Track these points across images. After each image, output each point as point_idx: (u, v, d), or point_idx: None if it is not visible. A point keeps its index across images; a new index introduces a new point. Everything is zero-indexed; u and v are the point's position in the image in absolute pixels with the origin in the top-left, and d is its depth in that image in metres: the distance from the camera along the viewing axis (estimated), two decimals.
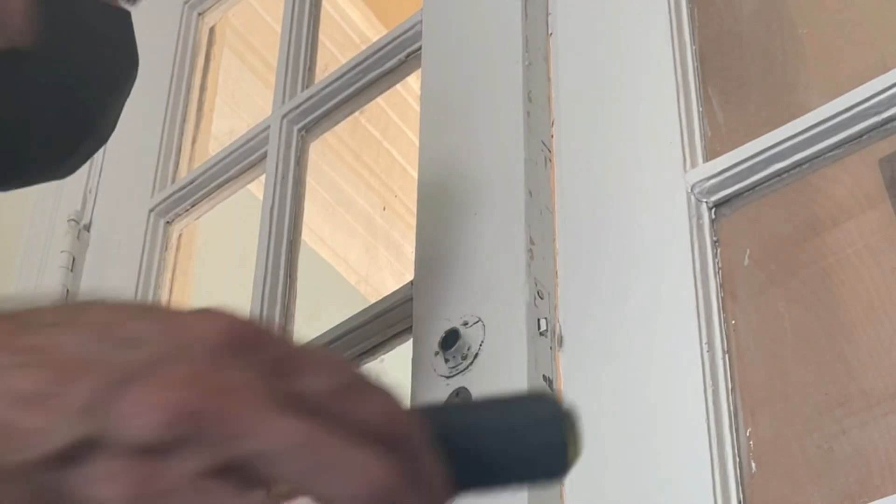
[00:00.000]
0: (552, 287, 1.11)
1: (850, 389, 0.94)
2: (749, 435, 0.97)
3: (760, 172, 1.06)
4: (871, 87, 1.00)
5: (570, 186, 1.16)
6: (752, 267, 1.04)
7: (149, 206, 1.68)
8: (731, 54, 1.18)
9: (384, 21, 2.57)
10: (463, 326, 1.10)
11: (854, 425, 0.92)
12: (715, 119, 1.13)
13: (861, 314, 0.98)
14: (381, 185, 2.66)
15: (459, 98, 1.27)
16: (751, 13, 1.19)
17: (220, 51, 1.92)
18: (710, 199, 1.07)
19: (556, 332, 1.09)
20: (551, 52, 1.25)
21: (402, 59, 1.47)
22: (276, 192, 1.50)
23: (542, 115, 1.21)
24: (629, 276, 1.07)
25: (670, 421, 0.98)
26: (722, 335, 1.00)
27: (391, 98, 1.96)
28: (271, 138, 1.57)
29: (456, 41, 1.33)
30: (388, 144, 2.63)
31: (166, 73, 1.80)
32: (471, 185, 1.20)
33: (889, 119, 1.00)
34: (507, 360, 1.06)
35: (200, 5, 1.91)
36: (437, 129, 1.28)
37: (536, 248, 1.11)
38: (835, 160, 1.03)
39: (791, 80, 1.14)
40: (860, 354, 0.96)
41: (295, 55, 1.65)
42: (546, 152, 1.19)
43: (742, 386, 0.99)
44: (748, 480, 0.94)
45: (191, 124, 1.79)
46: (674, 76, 1.13)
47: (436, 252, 1.20)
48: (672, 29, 1.16)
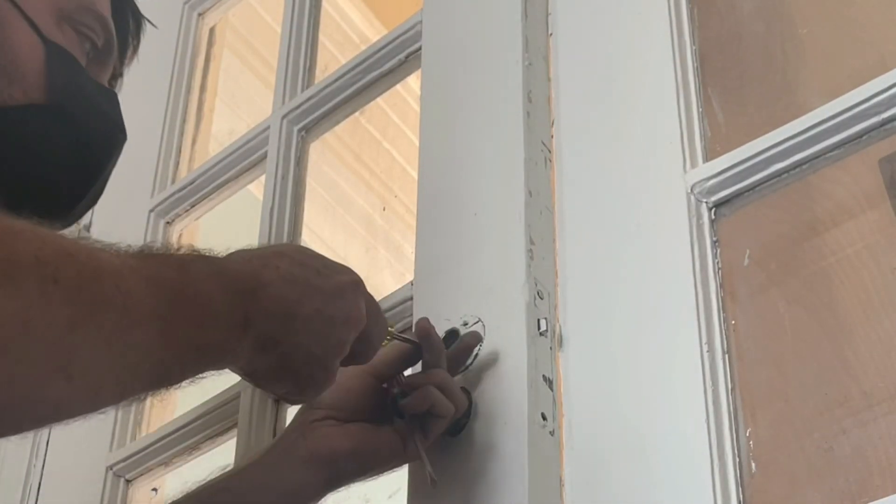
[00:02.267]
0: (552, 287, 1.11)
1: (850, 389, 0.94)
2: (749, 435, 0.97)
3: (760, 172, 1.06)
4: (871, 87, 1.00)
5: (570, 186, 1.16)
6: (752, 267, 1.04)
7: (149, 206, 1.68)
8: (731, 54, 1.18)
9: (384, 21, 2.57)
10: (463, 326, 1.10)
11: (854, 425, 0.92)
12: (715, 119, 1.13)
13: (861, 314, 0.98)
14: (380, 186, 2.66)
15: (459, 98, 1.27)
16: (751, 13, 1.19)
17: (220, 51, 1.92)
18: (710, 199, 1.07)
19: (555, 332, 1.09)
20: (551, 53, 1.25)
21: (402, 60, 1.47)
22: (276, 193, 1.50)
23: (542, 116, 1.21)
24: (629, 277, 1.07)
25: (670, 421, 0.98)
26: (722, 335, 1.00)
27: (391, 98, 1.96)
28: (271, 138, 1.57)
29: (456, 41, 1.33)
30: (387, 145, 2.63)
31: (166, 73, 1.80)
32: (471, 185, 1.20)
33: (889, 119, 0.99)
34: (507, 360, 1.06)
35: (200, 5, 1.91)
36: (437, 130, 1.28)
37: (536, 249, 1.11)
38: (835, 160, 1.03)
39: (791, 80, 1.14)
40: (860, 354, 0.96)
41: (295, 55, 1.65)
42: (546, 152, 1.19)
43: (742, 386, 0.99)
44: (748, 480, 0.94)
45: (191, 125, 1.79)
46: (674, 76, 1.13)
47: (436, 252, 1.20)
48: (672, 29, 1.16)
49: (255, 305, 0.84)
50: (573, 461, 1.02)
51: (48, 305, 0.68)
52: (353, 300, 0.92)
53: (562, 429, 1.04)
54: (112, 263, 0.74)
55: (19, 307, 0.66)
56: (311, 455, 1.02)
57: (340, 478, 1.03)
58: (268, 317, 0.85)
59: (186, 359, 0.80)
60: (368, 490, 1.49)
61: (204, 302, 0.80)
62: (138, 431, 1.54)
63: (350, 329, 0.91)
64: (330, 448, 1.02)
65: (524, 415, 1.02)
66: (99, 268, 0.72)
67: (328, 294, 0.90)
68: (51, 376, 0.68)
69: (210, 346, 0.81)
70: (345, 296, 0.92)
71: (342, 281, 0.92)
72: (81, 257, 0.72)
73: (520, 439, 1.01)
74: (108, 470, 1.50)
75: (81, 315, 0.70)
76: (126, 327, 0.73)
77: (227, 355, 0.84)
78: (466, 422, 1.04)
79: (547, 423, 1.03)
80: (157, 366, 0.77)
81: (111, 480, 1.49)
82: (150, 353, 0.75)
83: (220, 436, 1.43)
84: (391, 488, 1.22)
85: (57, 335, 0.68)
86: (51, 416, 0.72)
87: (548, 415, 1.03)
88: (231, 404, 1.39)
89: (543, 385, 1.05)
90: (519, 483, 0.99)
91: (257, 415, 1.35)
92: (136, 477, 1.51)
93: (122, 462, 1.49)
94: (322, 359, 0.89)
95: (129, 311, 0.73)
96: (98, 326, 0.71)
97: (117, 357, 0.72)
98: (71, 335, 0.69)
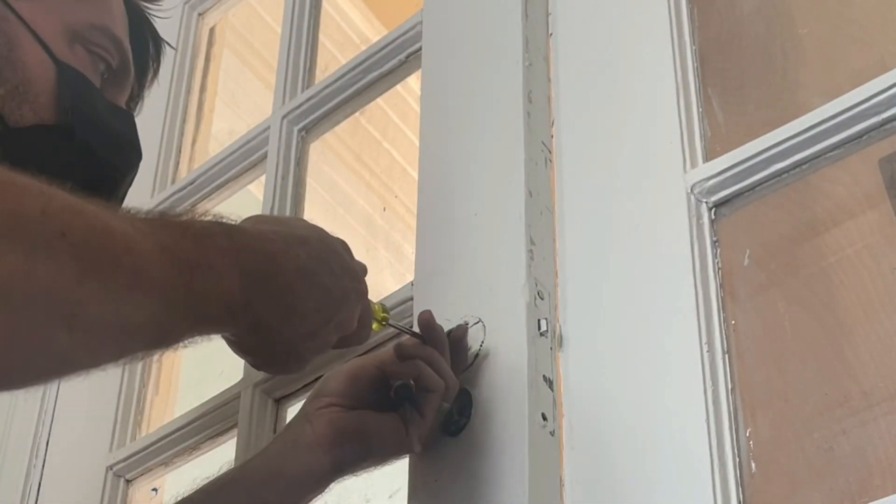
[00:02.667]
0: (552, 287, 1.11)
1: (850, 389, 0.94)
2: (749, 435, 0.97)
3: (760, 172, 1.06)
4: (871, 87, 1.00)
5: (570, 187, 1.16)
6: (752, 267, 1.04)
7: (149, 206, 1.68)
8: (731, 54, 1.18)
9: (384, 21, 2.57)
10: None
11: (854, 425, 0.92)
12: (715, 119, 1.13)
13: (861, 314, 0.98)
14: (381, 186, 2.66)
15: (460, 99, 1.27)
16: (751, 13, 1.19)
17: (221, 51, 1.92)
18: (710, 199, 1.07)
19: (556, 332, 1.09)
20: (551, 53, 1.25)
21: (402, 60, 1.47)
22: (276, 193, 1.50)
23: (543, 116, 1.21)
24: (629, 277, 1.07)
25: (670, 421, 0.98)
26: (722, 335, 1.00)
27: (391, 98, 1.96)
28: (271, 139, 1.57)
29: (456, 42, 1.33)
30: (388, 145, 2.63)
31: (166, 73, 1.80)
32: (471, 185, 1.20)
33: (889, 119, 0.99)
34: (508, 360, 1.06)
35: (200, 5, 1.91)
36: (438, 130, 1.28)
37: (537, 249, 1.11)
38: (835, 160, 1.03)
39: (791, 80, 1.14)
40: (860, 354, 0.96)
41: (295, 56, 1.65)
42: (546, 153, 1.19)
43: (742, 386, 0.99)
44: (748, 480, 0.94)
45: (191, 125, 1.79)
46: (674, 76, 1.13)
47: (436, 252, 1.20)
48: (672, 29, 1.16)
49: (262, 292, 0.85)
50: (573, 461, 1.02)
51: (54, 259, 0.68)
52: (351, 309, 0.95)
53: (562, 429, 1.04)
54: (122, 225, 0.75)
55: (24, 259, 0.66)
56: (316, 439, 1.03)
57: (346, 461, 1.04)
58: (270, 304, 0.87)
59: (185, 325, 0.81)
60: (369, 490, 1.49)
61: (215, 279, 0.81)
62: (138, 431, 1.54)
63: (338, 333, 0.94)
64: (336, 429, 1.03)
65: (524, 415, 1.02)
66: (108, 227, 0.73)
67: (333, 298, 0.92)
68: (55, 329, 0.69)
69: (211, 319, 0.83)
70: (347, 303, 0.94)
71: (349, 288, 0.95)
72: (89, 215, 0.72)
73: (520, 439, 1.01)
74: (108, 470, 1.50)
75: (88, 270, 0.70)
76: (133, 288, 0.74)
77: (223, 328, 0.86)
78: (467, 422, 1.05)
79: (547, 424, 1.03)
80: (157, 329, 0.78)
81: (111, 480, 1.49)
82: (153, 316, 0.76)
83: (220, 436, 1.43)
84: (391, 488, 1.22)
85: (63, 288, 0.69)
86: (55, 370, 0.73)
87: (548, 415, 1.03)
88: (231, 404, 1.39)
89: (544, 385, 1.05)
90: (519, 483, 0.99)
91: (257, 415, 1.35)
92: (136, 477, 1.51)
93: (122, 462, 1.49)
94: (303, 352, 0.92)
95: (137, 274, 0.74)
96: (105, 283, 0.71)
97: (121, 315, 0.73)
98: (78, 289, 0.69)
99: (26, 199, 0.69)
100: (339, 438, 1.03)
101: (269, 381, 1.36)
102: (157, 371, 1.60)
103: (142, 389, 1.57)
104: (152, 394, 1.58)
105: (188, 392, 1.61)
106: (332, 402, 1.04)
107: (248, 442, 1.32)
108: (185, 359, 1.64)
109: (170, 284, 0.77)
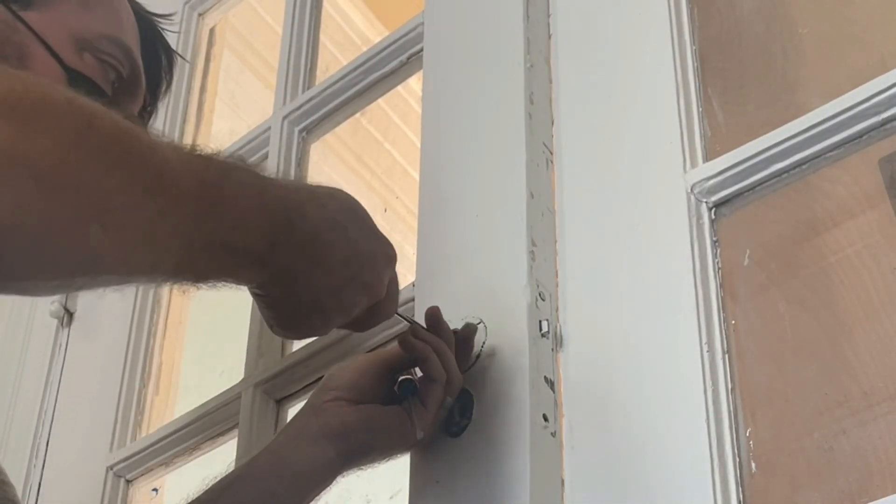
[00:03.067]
0: (553, 289, 1.11)
1: (850, 389, 0.94)
2: (749, 435, 0.97)
3: (760, 172, 1.06)
4: (871, 87, 1.00)
5: (571, 188, 1.16)
6: (752, 267, 1.04)
7: None
8: (731, 54, 1.18)
9: (385, 22, 2.57)
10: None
11: (854, 425, 0.92)
12: (715, 119, 1.13)
13: (861, 314, 0.98)
14: (382, 187, 2.66)
15: (461, 100, 1.27)
16: (751, 13, 1.19)
17: (221, 52, 1.92)
18: (710, 199, 1.07)
19: (557, 333, 1.09)
20: (552, 54, 1.25)
21: (403, 61, 1.47)
22: None
23: (544, 117, 1.21)
24: (630, 277, 1.07)
25: (670, 421, 0.98)
26: (722, 335, 1.00)
27: (392, 99, 1.96)
28: (272, 139, 1.57)
29: (457, 43, 1.33)
30: (389, 146, 2.63)
31: None
32: (472, 186, 1.20)
33: (889, 119, 1.00)
34: (509, 361, 1.06)
35: (200, 6, 1.91)
36: (439, 131, 1.28)
37: (538, 250, 1.11)
38: (835, 160, 1.03)
39: (791, 80, 1.14)
40: (860, 354, 0.96)
41: (296, 56, 1.65)
42: (547, 154, 1.19)
43: (742, 386, 0.99)
44: (748, 480, 0.94)
45: (191, 125, 1.80)
46: (674, 76, 1.13)
47: (437, 253, 1.20)
48: (672, 29, 1.16)
49: (288, 235, 0.83)
50: (573, 461, 1.02)
51: (83, 148, 0.69)
52: (380, 271, 0.93)
53: (562, 429, 1.04)
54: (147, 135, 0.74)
55: (55, 144, 0.67)
56: (322, 430, 1.03)
57: (352, 454, 1.04)
58: (296, 250, 0.84)
59: (212, 251, 0.79)
60: (370, 491, 1.49)
61: (240, 208, 0.79)
62: (138, 432, 1.54)
63: (365, 296, 0.92)
64: (342, 421, 1.03)
65: (526, 416, 1.02)
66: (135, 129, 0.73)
67: (361, 253, 0.90)
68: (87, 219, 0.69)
69: (236, 250, 0.80)
70: (375, 264, 0.92)
71: (378, 249, 0.92)
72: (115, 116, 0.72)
73: (521, 440, 1.01)
74: (109, 470, 1.50)
75: (116, 163, 0.70)
76: (158, 192, 0.73)
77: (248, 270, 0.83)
78: (468, 423, 1.05)
79: (548, 425, 1.03)
80: (185, 247, 0.76)
81: (111, 480, 1.50)
82: (180, 228, 0.75)
83: (220, 436, 1.43)
84: (393, 489, 1.22)
85: (92, 178, 0.69)
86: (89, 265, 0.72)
87: (549, 416, 1.03)
88: (231, 405, 1.39)
89: (545, 386, 1.05)
90: (520, 484, 0.99)
91: (258, 415, 1.35)
92: (136, 477, 1.51)
93: (122, 462, 1.49)
94: (328, 311, 0.90)
95: (162, 178, 0.73)
96: (131, 179, 0.71)
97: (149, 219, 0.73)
98: (106, 180, 0.69)
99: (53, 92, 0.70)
100: (344, 431, 1.03)
101: (270, 381, 1.36)
102: (157, 371, 1.60)
103: (142, 389, 1.57)
104: (152, 394, 1.58)
105: (188, 392, 1.61)
106: (339, 396, 1.04)
107: (249, 442, 1.32)
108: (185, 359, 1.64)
109: (194, 199, 0.76)
